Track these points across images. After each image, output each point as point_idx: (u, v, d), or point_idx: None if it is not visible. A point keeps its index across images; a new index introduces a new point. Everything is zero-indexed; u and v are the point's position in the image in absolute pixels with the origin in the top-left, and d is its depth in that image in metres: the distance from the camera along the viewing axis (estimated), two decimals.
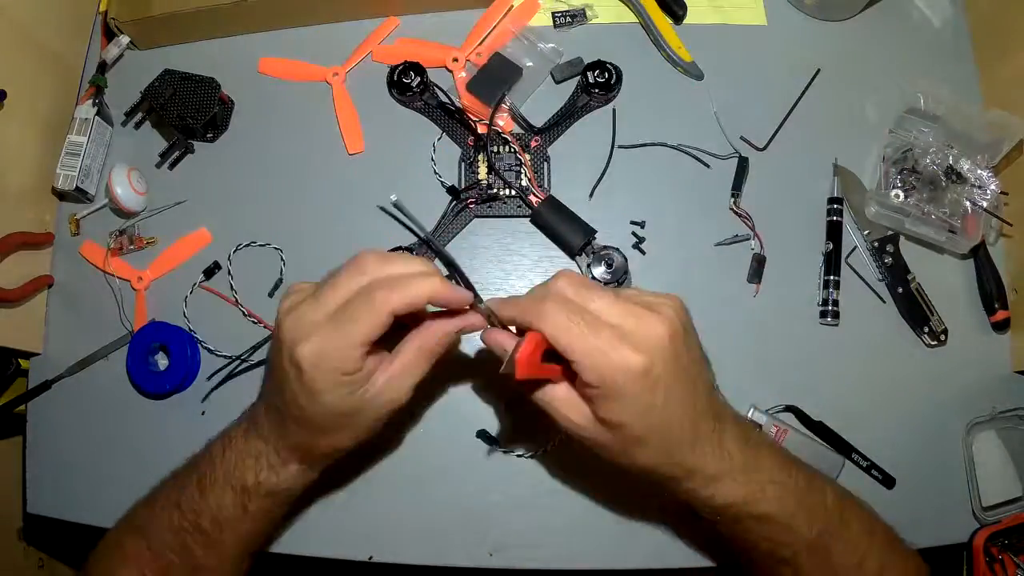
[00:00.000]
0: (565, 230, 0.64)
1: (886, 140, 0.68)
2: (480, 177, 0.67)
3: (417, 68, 0.67)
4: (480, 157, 0.67)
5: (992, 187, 0.64)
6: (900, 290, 0.65)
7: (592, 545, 0.61)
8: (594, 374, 0.41)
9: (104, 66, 0.70)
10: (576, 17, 0.71)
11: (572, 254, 0.66)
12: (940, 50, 0.73)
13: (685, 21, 0.72)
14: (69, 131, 0.67)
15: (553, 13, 0.72)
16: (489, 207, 0.66)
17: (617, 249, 0.64)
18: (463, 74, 0.70)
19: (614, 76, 0.68)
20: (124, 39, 0.70)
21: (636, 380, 0.41)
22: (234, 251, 0.67)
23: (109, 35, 0.71)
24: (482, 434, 0.63)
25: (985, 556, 0.60)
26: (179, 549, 0.48)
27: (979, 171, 0.65)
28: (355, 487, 0.62)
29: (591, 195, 0.68)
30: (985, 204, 0.64)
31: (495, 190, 0.66)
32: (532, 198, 0.66)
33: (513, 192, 0.66)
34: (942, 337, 0.65)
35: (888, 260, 0.66)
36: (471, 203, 0.66)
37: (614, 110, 0.69)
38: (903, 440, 0.64)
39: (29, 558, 0.79)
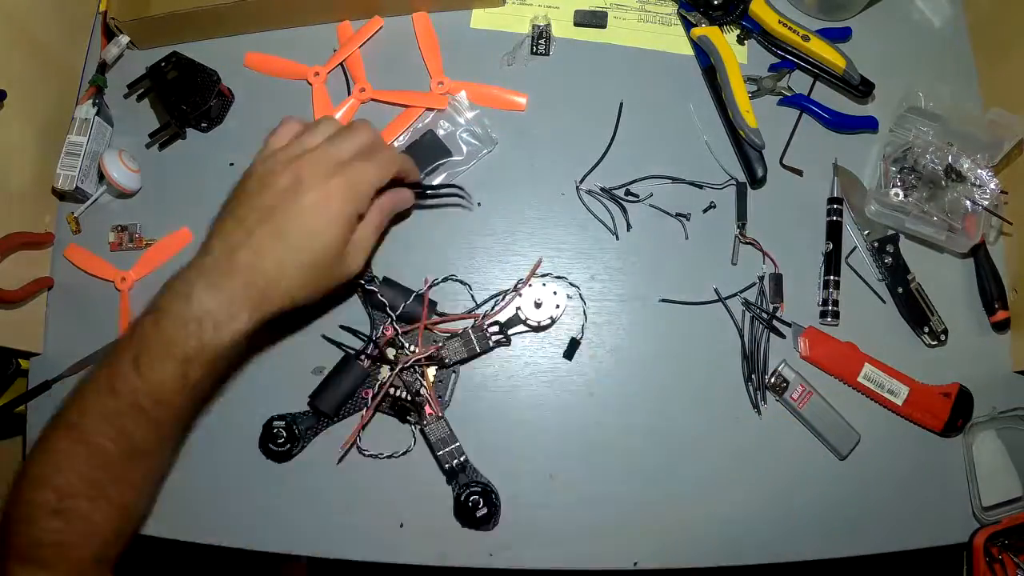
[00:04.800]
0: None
1: (886, 139, 0.68)
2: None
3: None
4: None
5: (992, 186, 0.64)
6: (900, 290, 0.65)
7: (593, 545, 0.62)
8: None
9: (104, 66, 0.70)
10: (544, 32, 0.70)
11: None
12: (940, 50, 0.73)
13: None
14: (69, 131, 0.67)
15: (528, 39, 0.71)
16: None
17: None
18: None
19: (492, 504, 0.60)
20: (124, 39, 0.70)
21: None
22: None
23: (109, 35, 0.71)
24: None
25: (985, 556, 0.60)
26: (115, 435, 0.47)
27: (979, 170, 0.65)
28: (355, 488, 0.62)
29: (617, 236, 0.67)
30: (985, 203, 0.64)
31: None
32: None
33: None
34: (942, 337, 0.65)
35: (888, 260, 0.66)
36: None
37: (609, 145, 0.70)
38: (903, 440, 0.64)
39: None
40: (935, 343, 0.65)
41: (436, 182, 0.68)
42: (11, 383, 0.66)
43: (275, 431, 0.61)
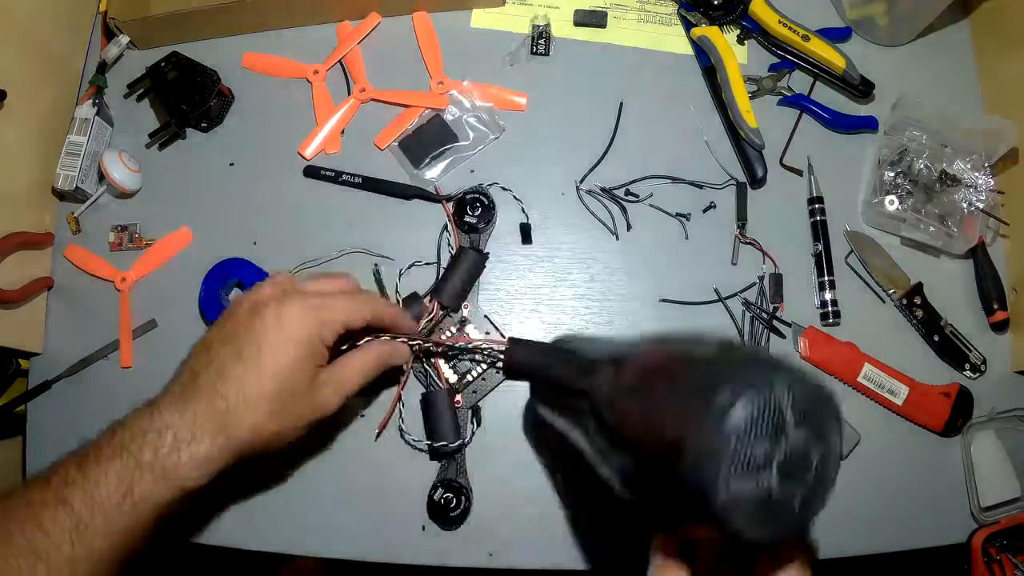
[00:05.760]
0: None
1: (881, 142, 0.68)
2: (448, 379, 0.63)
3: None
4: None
5: (988, 188, 0.64)
6: (936, 338, 0.65)
7: (593, 545, 0.62)
8: None
9: (104, 66, 0.70)
10: (544, 33, 0.71)
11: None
12: (940, 50, 0.73)
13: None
14: (69, 131, 0.67)
15: (528, 39, 0.71)
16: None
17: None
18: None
19: (486, 205, 0.65)
20: (124, 39, 0.70)
21: None
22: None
23: (109, 35, 0.71)
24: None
25: (983, 556, 0.61)
26: (32, 534, 0.40)
27: (975, 172, 0.65)
28: (357, 487, 0.62)
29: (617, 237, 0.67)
30: (981, 205, 0.64)
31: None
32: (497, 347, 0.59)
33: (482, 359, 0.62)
34: (982, 368, 0.65)
35: (919, 313, 0.65)
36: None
37: (609, 146, 0.70)
38: (903, 440, 0.64)
39: None
40: (977, 375, 0.65)
41: (441, 167, 0.68)
42: (11, 383, 0.66)
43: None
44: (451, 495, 0.60)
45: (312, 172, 0.69)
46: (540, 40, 0.71)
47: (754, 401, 0.27)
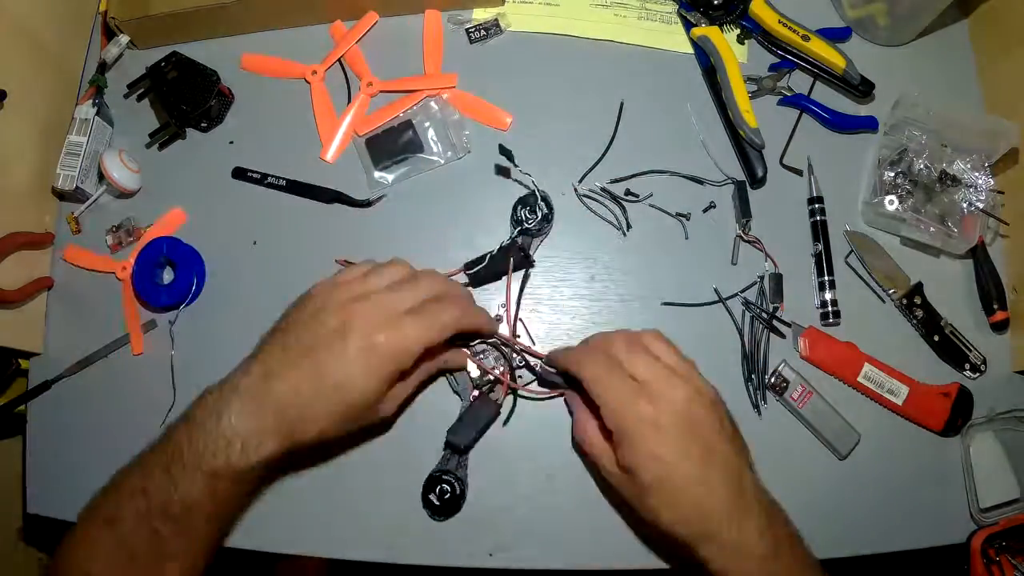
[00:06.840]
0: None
1: (881, 143, 0.68)
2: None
3: None
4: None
5: (988, 188, 0.64)
6: (936, 338, 0.65)
7: (593, 545, 0.62)
8: (611, 420, 0.48)
9: (104, 66, 0.70)
10: (490, 30, 0.71)
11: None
12: (940, 50, 0.73)
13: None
14: (69, 131, 0.67)
15: (467, 30, 0.71)
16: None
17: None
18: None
19: (546, 212, 0.64)
20: (124, 39, 0.70)
21: (644, 428, 0.47)
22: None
23: (109, 35, 0.71)
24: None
25: (983, 558, 0.60)
26: (147, 535, 0.48)
27: (975, 172, 0.65)
28: (356, 486, 0.62)
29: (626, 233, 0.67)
30: (981, 205, 0.64)
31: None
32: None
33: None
34: (982, 368, 0.65)
35: (920, 314, 0.65)
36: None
37: (613, 138, 0.70)
38: (903, 440, 0.64)
39: (29, 558, 0.80)
40: (977, 375, 0.65)
41: (399, 173, 0.68)
42: (11, 383, 0.67)
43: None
44: (447, 486, 0.60)
45: (239, 174, 0.69)
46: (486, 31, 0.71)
47: None
